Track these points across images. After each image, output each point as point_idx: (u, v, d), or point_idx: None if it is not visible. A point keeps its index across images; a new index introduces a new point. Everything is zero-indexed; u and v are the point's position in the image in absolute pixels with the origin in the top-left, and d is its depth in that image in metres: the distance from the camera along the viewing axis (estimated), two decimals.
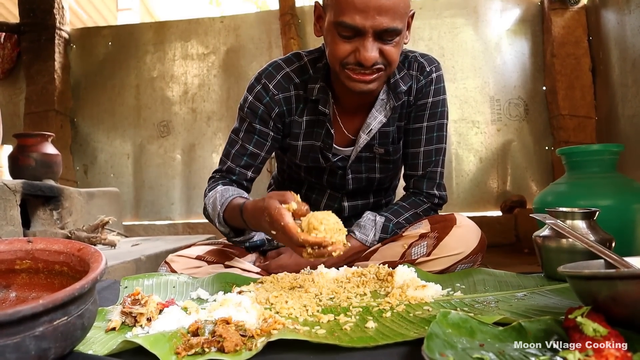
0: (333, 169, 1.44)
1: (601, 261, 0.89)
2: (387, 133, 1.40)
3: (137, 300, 0.87)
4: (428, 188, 1.46)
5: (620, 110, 3.08)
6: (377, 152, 1.41)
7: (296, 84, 1.36)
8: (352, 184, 1.47)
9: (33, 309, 0.54)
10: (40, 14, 4.22)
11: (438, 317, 0.70)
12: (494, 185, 3.94)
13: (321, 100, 1.33)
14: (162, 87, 4.39)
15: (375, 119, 1.35)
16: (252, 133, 1.37)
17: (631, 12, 2.85)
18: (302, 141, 1.41)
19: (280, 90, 1.34)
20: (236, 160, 1.39)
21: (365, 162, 1.44)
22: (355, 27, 1.11)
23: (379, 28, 1.11)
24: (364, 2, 1.08)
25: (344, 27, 1.12)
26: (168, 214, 4.33)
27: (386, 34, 1.13)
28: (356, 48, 1.15)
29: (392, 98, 1.35)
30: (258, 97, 1.35)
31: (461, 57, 3.97)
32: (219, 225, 1.33)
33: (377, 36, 1.13)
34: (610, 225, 1.33)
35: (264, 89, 1.34)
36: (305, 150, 1.41)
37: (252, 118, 1.36)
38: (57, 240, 0.81)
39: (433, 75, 1.38)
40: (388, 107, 1.36)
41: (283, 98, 1.35)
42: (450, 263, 1.24)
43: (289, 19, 3.99)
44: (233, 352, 0.70)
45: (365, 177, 1.47)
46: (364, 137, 1.37)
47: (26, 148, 2.84)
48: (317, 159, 1.41)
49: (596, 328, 0.60)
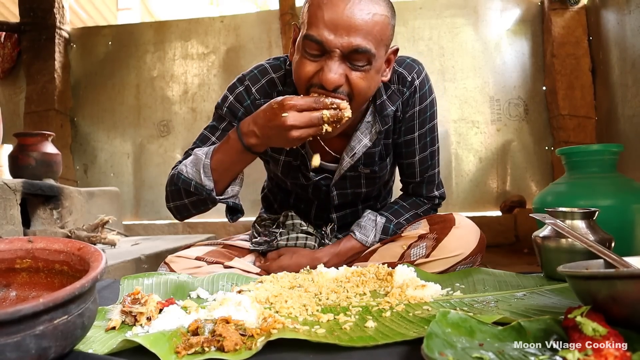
0: (317, 186, 1.39)
1: (601, 261, 0.90)
2: (373, 154, 1.34)
3: (137, 299, 0.87)
4: (428, 192, 1.46)
5: (620, 110, 3.08)
6: (362, 172, 1.36)
7: (279, 92, 1.27)
8: (338, 199, 1.43)
9: (33, 307, 0.54)
10: (40, 13, 4.22)
11: (437, 316, 0.70)
12: (493, 185, 3.94)
13: None
14: (162, 86, 4.39)
15: (359, 142, 1.28)
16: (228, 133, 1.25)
17: (631, 13, 2.85)
18: (284, 156, 1.34)
19: (262, 96, 1.28)
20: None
21: (350, 179, 1.39)
22: (321, 42, 1.03)
23: (347, 47, 1.02)
24: (333, 17, 1.01)
25: (310, 40, 1.04)
26: (168, 214, 4.28)
27: (355, 54, 1.04)
28: (321, 68, 1.06)
29: (379, 122, 1.27)
30: (239, 98, 1.29)
31: (461, 57, 3.97)
32: (204, 179, 1.18)
33: (345, 58, 1.04)
34: (609, 225, 1.33)
35: (246, 91, 1.28)
36: (286, 166, 1.36)
37: (231, 118, 1.29)
38: (57, 240, 0.82)
39: (416, 83, 1.29)
40: (374, 131, 1.28)
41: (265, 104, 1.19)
42: (450, 264, 1.24)
43: (289, 19, 3.99)
44: (233, 352, 0.70)
45: (351, 192, 1.43)
46: (347, 160, 1.30)
47: (26, 147, 2.84)
48: (297, 177, 1.37)
49: (595, 328, 0.60)
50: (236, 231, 4.00)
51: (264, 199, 1.69)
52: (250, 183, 1.47)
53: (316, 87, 1.08)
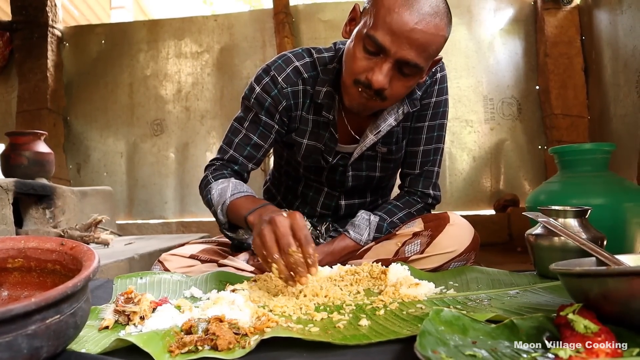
0: (334, 167, 1.43)
1: (593, 259, 0.90)
2: (392, 133, 1.38)
3: (130, 298, 0.86)
4: (424, 187, 1.47)
5: (612, 109, 3.10)
6: (380, 151, 1.40)
7: (304, 79, 1.33)
8: (352, 181, 1.46)
9: (25, 307, 0.54)
10: (32, 11, 4.19)
11: (431, 314, 0.70)
12: (487, 184, 3.96)
13: (325, 105, 1.31)
14: (155, 85, 4.37)
15: (385, 121, 1.33)
16: (257, 124, 1.34)
17: (623, 13, 2.87)
18: (307, 140, 1.39)
19: (289, 84, 1.32)
20: (239, 149, 1.36)
21: (367, 160, 1.43)
22: (382, 46, 1.08)
23: (403, 58, 1.08)
24: (400, 28, 1.05)
25: (371, 41, 1.09)
26: (161, 213, 4.32)
27: (407, 67, 1.10)
28: (372, 67, 1.12)
29: (407, 104, 1.34)
30: (266, 89, 1.31)
31: (455, 56, 3.98)
32: (219, 213, 1.27)
33: (397, 65, 1.11)
34: (602, 223, 1.34)
35: (273, 81, 1.31)
36: (309, 150, 1.40)
37: (259, 109, 1.33)
38: (49, 239, 0.81)
39: (438, 75, 1.38)
40: (400, 112, 1.34)
41: (291, 92, 1.32)
42: (444, 261, 1.24)
43: (283, 18, 3.99)
44: (226, 350, 0.69)
45: (365, 175, 1.46)
46: (371, 137, 1.35)
47: (18, 146, 2.82)
48: (318, 160, 1.40)
49: (587, 325, 0.60)
50: None
51: (266, 192, 1.70)
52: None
53: (362, 84, 1.14)
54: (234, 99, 4.21)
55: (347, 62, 1.18)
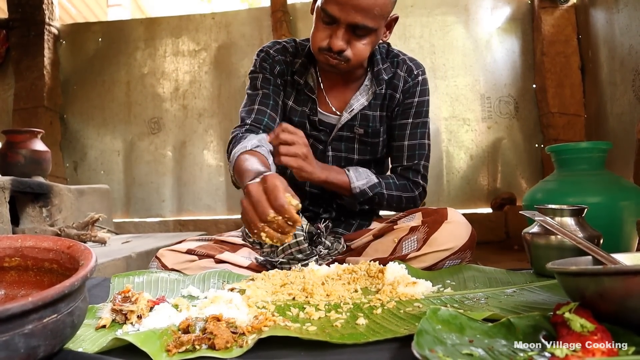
0: (314, 145, 1.55)
1: (589, 258, 0.91)
2: (368, 116, 1.54)
3: (127, 297, 0.87)
4: (414, 177, 1.56)
5: (609, 108, 3.11)
6: (357, 132, 1.54)
7: (290, 53, 1.57)
8: (332, 162, 1.56)
9: (22, 306, 0.54)
10: (29, 9, 4.17)
11: (428, 313, 0.70)
12: (484, 183, 3.96)
13: (298, 72, 1.53)
14: (152, 83, 4.36)
15: (357, 101, 1.52)
16: (267, 84, 1.53)
17: (619, 11, 2.87)
18: (292, 102, 1.56)
19: (278, 54, 1.56)
20: (264, 106, 1.50)
21: (346, 141, 1.56)
22: (333, 16, 1.28)
23: (352, 22, 1.28)
24: None
25: (325, 13, 1.30)
26: (159, 211, 4.31)
27: (357, 29, 1.30)
28: (330, 34, 1.32)
29: (375, 84, 1.52)
30: (264, 58, 1.55)
31: (452, 54, 3.98)
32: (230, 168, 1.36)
33: (350, 29, 1.30)
34: (598, 222, 1.35)
35: (267, 53, 1.56)
36: (293, 112, 1.55)
37: (262, 70, 1.55)
38: (46, 238, 0.81)
39: (419, 78, 1.55)
40: (370, 92, 1.52)
41: (282, 60, 1.55)
42: (440, 258, 1.24)
43: (281, 16, 3.98)
44: (224, 349, 0.70)
45: (344, 156, 1.57)
46: (345, 115, 1.52)
47: (15, 144, 2.81)
48: (303, 123, 1.54)
49: (583, 324, 0.61)
50: (227, 229, 3.99)
51: None
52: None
53: (325, 51, 1.34)
54: (231, 97, 4.20)
55: (312, 35, 1.40)
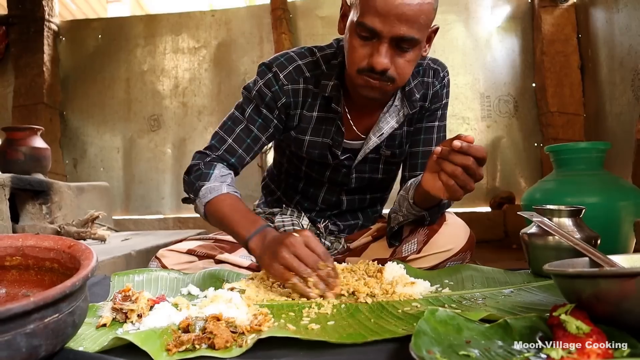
0: (337, 167, 1.43)
1: (586, 259, 0.91)
2: (395, 136, 1.40)
3: (127, 296, 0.87)
4: None
5: (608, 107, 3.11)
6: (384, 154, 1.41)
7: (306, 78, 1.34)
8: (355, 182, 1.46)
9: (24, 306, 0.54)
10: (29, 5, 4.16)
11: (426, 314, 0.71)
12: (483, 181, 3.96)
13: (334, 98, 1.32)
14: (152, 80, 4.36)
15: (387, 123, 1.35)
16: (257, 116, 1.35)
17: (619, 11, 2.87)
18: (309, 136, 1.39)
19: (290, 82, 1.33)
20: (239, 141, 1.34)
21: (371, 162, 1.44)
22: (374, 29, 1.10)
23: (396, 35, 1.10)
24: (385, 8, 1.08)
25: (363, 27, 1.12)
26: (158, 209, 4.32)
27: (403, 42, 1.12)
28: (371, 52, 1.14)
29: (407, 106, 1.35)
30: (267, 84, 1.33)
31: (452, 53, 3.98)
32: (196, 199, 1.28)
33: (393, 43, 1.12)
34: (596, 222, 1.35)
35: (275, 77, 1.33)
36: (313, 146, 1.39)
37: (259, 102, 1.34)
38: (47, 237, 0.81)
39: (446, 80, 1.41)
40: (401, 114, 1.36)
41: (292, 90, 1.33)
42: (440, 260, 1.26)
43: (281, 14, 3.98)
44: (223, 349, 0.70)
45: (368, 177, 1.46)
46: (374, 139, 1.36)
47: (15, 142, 2.81)
48: (324, 155, 1.40)
49: (579, 325, 0.61)
50: None
51: (264, 187, 1.69)
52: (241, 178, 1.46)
53: (366, 72, 1.15)
54: (231, 95, 4.20)
55: (347, 55, 1.20)
